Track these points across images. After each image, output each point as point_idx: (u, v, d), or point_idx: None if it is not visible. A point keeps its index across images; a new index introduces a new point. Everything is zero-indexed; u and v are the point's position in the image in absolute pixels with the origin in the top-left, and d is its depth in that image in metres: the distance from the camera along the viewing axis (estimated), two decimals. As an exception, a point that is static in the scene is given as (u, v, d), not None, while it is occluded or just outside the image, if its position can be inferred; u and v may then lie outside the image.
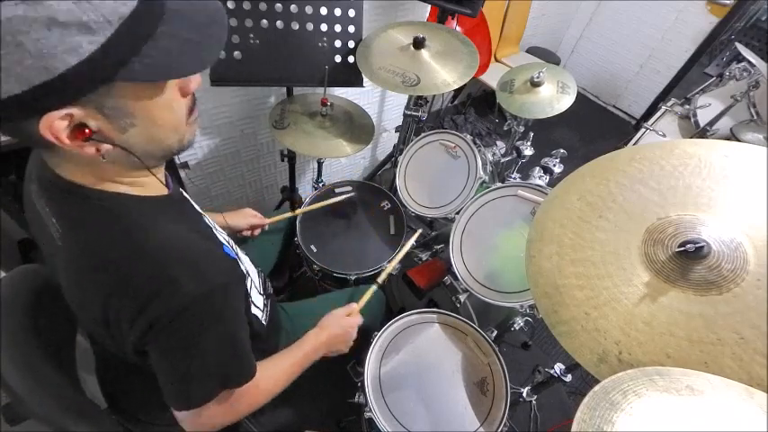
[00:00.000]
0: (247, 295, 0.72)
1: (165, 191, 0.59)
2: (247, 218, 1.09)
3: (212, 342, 0.55)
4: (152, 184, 0.57)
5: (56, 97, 0.39)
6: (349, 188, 1.40)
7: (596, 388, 0.44)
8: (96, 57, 0.39)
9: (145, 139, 0.49)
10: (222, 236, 0.71)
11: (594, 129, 2.97)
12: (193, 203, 0.71)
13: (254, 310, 0.77)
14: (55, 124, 0.41)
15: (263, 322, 0.82)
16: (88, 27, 0.38)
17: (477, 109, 2.77)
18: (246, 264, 0.82)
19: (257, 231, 1.12)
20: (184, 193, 0.72)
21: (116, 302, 0.49)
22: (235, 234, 1.08)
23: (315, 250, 1.25)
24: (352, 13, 1.15)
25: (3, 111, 0.39)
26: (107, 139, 0.45)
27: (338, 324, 0.87)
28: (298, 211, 1.25)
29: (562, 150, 1.34)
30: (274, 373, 0.73)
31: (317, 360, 0.87)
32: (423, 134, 1.35)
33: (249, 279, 0.77)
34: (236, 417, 0.66)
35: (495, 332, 1.13)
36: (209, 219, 0.74)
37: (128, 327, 0.50)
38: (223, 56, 1.04)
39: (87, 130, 0.43)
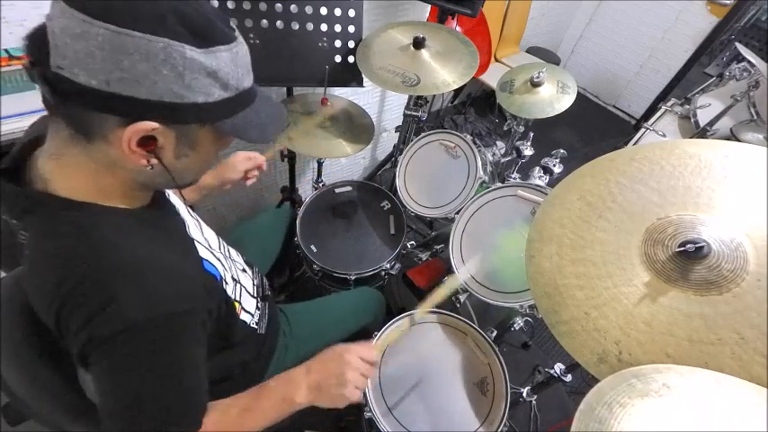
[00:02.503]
0: (228, 307, 0.70)
1: (146, 202, 0.60)
2: (240, 165, 0.99)
3: (146, 375, 0.51)
4: (138, 198, 0.58)
5: (163, 115, 0.46)
6: (349, 188, 1.40)
7: (581, 406, 0.43)
8: (215, 104, 0.49)
9: (186, 168, 0.56)
10: (205, 248, 0.69)
11: (594, 129, 2.97)
12: (182, 212, 0.70)
13: (243, 315, 0.76)
14: (138, 132, 0.46)
15: (254, 326, 0.80)
16: (226, 85, 0.50)
17: (477, 109, 2.77)
18: (237, 267, 0.81)
19: (256, 172, 1.03)
20: (173, 199, 0.71)
21: (66, 313, 0.49)
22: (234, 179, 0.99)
23: (315, 250, 1.25)
24: (352, 13, 1.15)
25: (110, 103, 0.44)
26: (160, 157, 0.51)
27: (337, 364, 0.66)
28: (287, 145, 1.16)
29: (562, 150, 1.34)
30: (230, 424, 0.61)
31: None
32: (423, 134, 1.35)
33: (240, 287, 0.77)
34: None
35: (495, 332, 1.13)
36: (200, 228, 0.73)
37: (73, 337, 0.49)
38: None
39: (153, 144, 0.49)
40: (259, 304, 0.84)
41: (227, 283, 0.70)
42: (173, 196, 0.73)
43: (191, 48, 0.44)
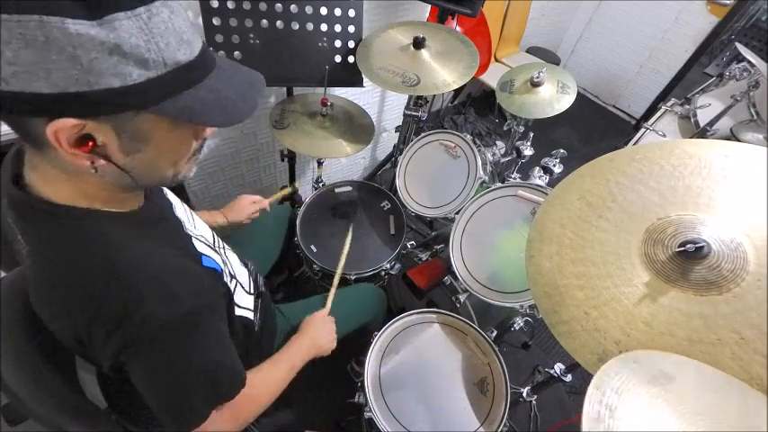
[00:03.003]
0: (231, 299, 0.71)
1: (136, 205, 0.57)
2: (245, 208, 1.06)
3: (190, 365, 0.54)
4: (128, 200, 0.56)
5: (80, 108, 0.40)
6: (349, 188, 1.40)
7: (590, 390, 0.43)
8: (138, 88, 0.41)
9: (145, 166, 0.49)
10: (203, 243, 0.68)
11: (594, 129, 2.97)
12: (178, 209, 0.69)
13: (239, 311, 0.75)
14: (62, 130, 0.41)
15: (252, 320, 0.80)
16: (146, 63, 0.40)
17: (477, 109, 2.77)
18: (233, 264, 0.81)
19: (257, 214, 1.10)
20: (169, 196, 0.70)
21: (86, 324, 0.48)
22: (237, 225, 1.06)
23: (315, 250, 1.25)
24: (352, 13, 1.15)
25: (17, 103, 0.38)
26: (108, 157, 0.46)
27: (319, 326, 0.90)
28: (297, 184, 1.23)
29: (562, 150, 1.34)
30: (269, 381, 0.75)
31: (318, 360, 0.88)
32: (423, 134, 1.35)
33: (235, 281, 0.76)
34: (239, 426, 0.67)
35: (495, 332, 1.13)
36: (194, 224, 0.72)
37: (101, 347, 0.49)
38: (223, 56, 1.04)
39: (91, 143, 0.43)
40: (255, 300, 0.84)
41: (225, 276, 0.70)
42: (169, 192, 0.72)
43: (75, 21, 0.36)
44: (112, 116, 0.43)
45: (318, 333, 0.89)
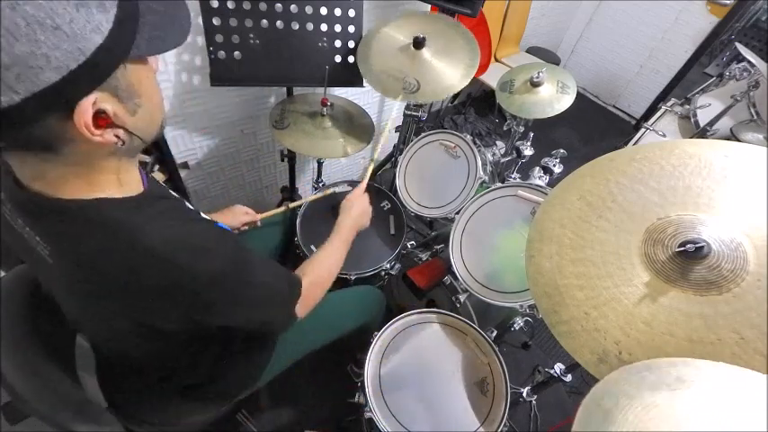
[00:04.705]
0: None
1: (141, 188, 0.57)
2: (239, 216, 1.08)
3: (254, 291, 0.61)
4: (131, 183, 0.55)
5: (88, 81, 0.40)
6: (349, 188, 1.40)
7: (586, 399, 0.42)
8: (113, 34, 0.40)
9: (147, 119, 0.50)
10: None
11: (594, 129, 2.97)
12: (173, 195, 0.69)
13: None
14: (86, 114, 0.41)
15: None
16: (102, 5, 0.39)
17: (477, 109, 2.77)
18: None
19: (246, 227, 1.12)
20: (162, 185, 0.70)
21: (139, 306, 0.50)
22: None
23: (315, 250, 1.25)
24: (352, 13, 1.15)
25: (33, 108, 0.38)
26: (122, 124, 0.46)
27: (356, 204, 0.98)
28: (291, 205, 1.22)
29: (562, 150, 1.34)
30: (324, 264, 0.86)
31: (318, 360, 0.87)
32: (423, 134, 1.35)
33: None
34: (309, 308, 0.78)
35: (495, 332, 1.13)
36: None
37: (165, 319, 0.53)
38: (223, 56, 1.04)
39: (107, 117, 0.44)
40: None
41: None
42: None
43: None
44: (108, 80, 0.42)
45: (358, 212, 0.97)
